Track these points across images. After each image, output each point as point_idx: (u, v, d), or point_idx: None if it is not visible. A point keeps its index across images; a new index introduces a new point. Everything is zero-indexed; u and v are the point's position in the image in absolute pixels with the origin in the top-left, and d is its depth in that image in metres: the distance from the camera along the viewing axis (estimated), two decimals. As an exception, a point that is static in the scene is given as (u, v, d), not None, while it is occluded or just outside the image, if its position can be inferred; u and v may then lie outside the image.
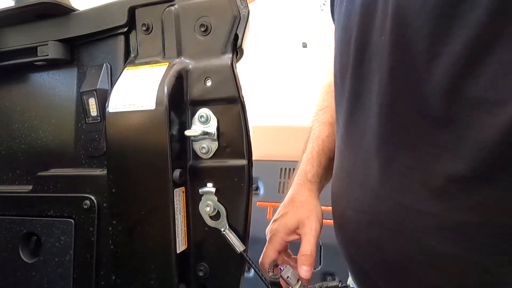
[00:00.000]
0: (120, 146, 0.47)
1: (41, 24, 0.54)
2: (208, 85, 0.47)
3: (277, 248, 0.59)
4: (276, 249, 0.59)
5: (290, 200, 0.64)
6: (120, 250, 0.48)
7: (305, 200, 0.63)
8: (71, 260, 0.51)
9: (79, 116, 0.54)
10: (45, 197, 0.53)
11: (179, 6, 0.48)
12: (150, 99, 0.45)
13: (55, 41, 0.53)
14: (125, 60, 0.52)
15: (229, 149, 0.47)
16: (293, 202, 0.63)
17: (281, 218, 0.61)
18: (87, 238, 0.50)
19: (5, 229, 0.55)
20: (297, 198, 0.63)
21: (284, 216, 0.61)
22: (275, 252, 0.59)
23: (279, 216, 0.62)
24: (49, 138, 0.56)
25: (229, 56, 0.46)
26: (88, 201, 0.50)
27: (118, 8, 0.51)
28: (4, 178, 0.59)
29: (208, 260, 0.48)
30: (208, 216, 0.47)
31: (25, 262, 0.54)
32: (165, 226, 0.45)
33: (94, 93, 0.51)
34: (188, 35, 0.48)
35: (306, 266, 0.55)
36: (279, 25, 2.22)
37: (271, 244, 0.60)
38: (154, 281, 0.46)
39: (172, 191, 0.45)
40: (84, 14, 0.53)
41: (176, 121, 0.46)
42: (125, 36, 0.52)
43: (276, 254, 0.59)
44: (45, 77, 0.57)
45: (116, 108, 0.47)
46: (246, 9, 0.46)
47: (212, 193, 0.47)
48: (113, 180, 0.47)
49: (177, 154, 0.46)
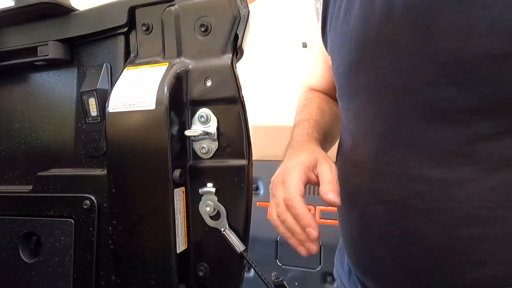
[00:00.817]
0: (120, 146, 0.47)
1: (41, 24, 0.54)
2: (208, 85, 0.47)
3: (303, 179, 0.51)
4: (303, 180, 0.50)
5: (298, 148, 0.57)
6: (120, 250, 0.48)
7: (316, 147, 0.57)
8: (71, 260, 0.51)
9: (79, 116, 0.54)
10: (45, 197, 0.53)
11: (179, 6, 0.48)
12: (150, 99, 0.45)
13: (55, 41, 0.53)
14: (125, 60, 0.52)
15: (229, 149, 0.47)
16: (304, 148, 0.56)
17: (296, 157, 0.53)
18: (87, 238, 0.50)
19: (5, 229, 0.55)
20: (307, 146, 0.57)
21: (298, 156, 0.54)
22: (301, 183, 0.50)
23: (291, 159, 0.54)
24: (49, 138, 0.56)
25: (229, 56, 0.46)
26: (88, 201, 0.50)
27: (118, 8, 0.51)
28: (4, 178, 0.59)
29: (208, 260, 0.48)
30: (208, 216, 0.47)
31: (25, 262, 0.54)
32: (165, 226, 0.45)
33: (94, 93, 0.51)
34: (188, 35, 0.48)
35: (334, 191, 0.49)
36: (279, 25, 2.22)
37: (294, 177, 0.50)
38: (154, 281, 0.46)
39: (172, 191, 0.45)
40: (84, 14, 0.53)
41: (176, 121, 0.46)
42: (125, 36, 0.52)
43: (303, 187, 0.50)
44: (45, 77, 0.57)
45: (116, 108, 0.47)
46: (246, 9, 0.46)
47: (212, 193, 0.47)
48: (113, 180, 0.47)
49: (177, 154, 0.46)
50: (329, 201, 0.48)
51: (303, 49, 2.18)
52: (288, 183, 0.50)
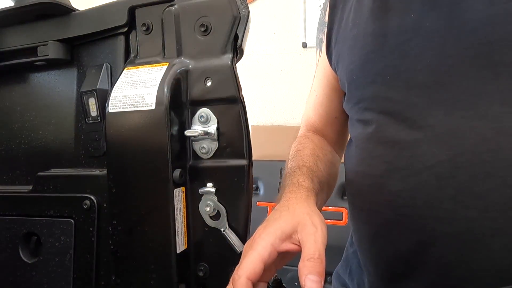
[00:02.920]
0: (120, 146, 0.47)
1: (41, 24, 0.54)
2: (208, 85, 0.47)
3: (264, 257, 0.41)
4: (262, 258, 0.41)
5: (281, 207, 0.48)
6: (120, 250, 0.48)
7: (302, 204, 0.49)
8: (71, 260, 0.51)
9: (79, 116, 0.54)
10: (45, 197, 0.53)
11: (179, 6, 0.48)
12: (150, 99, 0.45)
13: (55, 41, 0.53)
14: (125, 60, 0.52)
15: (229, 149, 0.47)
16: (287, 207, 0.48)
17: (272, 224, 0.45)
18: (87, 238, 0.50)
19: (5, 229, 0.55)
20: (291, 203, 0.49)
21: (276, 221, 0.45)
22: (260, 261, 0.40)
23: (267, 223, 0.45)
24: (49, 138, 0.56)
25: (229, 56, 0.46)
26: (88, 201, 0.50)
27: (118, 8, 0.51)
28: (4, 178, 0.59)
29: (208, 260, 0.48)
30: (208, 216, 0.47)
31: (25, 262, 0.54)
32: (165, 226, 0.45)
33: (94, 93, 0.51)
34: (188, 35, 0.48)
35: (314, 275, 0.38)
36: (279, 25, 2.22)
37: (254, 251, 0.41)
38: (154, 281, 0.46)
39: (172, 191, 0.45)
40: (84, 14, 0.53)
41: (176, 121, 0.46)
42: (125, 36, 0.52)
43: (261, 266, 0.40)
44: (45, 77, 0.57)
45: (116, 108, 0.47)
46: (246, 9, 0.46)
47: (212, 193, 0.47)
48: (113, 180, 0.47)
49: (177, 154, 0.46)
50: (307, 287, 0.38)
51: (303, 49, 2.18)
52: (244, 258, 0.42)
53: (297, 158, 0.65)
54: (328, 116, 0.76)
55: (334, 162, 0.73)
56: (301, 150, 0.68)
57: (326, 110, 0.76)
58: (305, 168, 0.61)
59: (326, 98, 0.76)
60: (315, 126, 0.78)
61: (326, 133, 0.77)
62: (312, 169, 0.62)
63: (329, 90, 0.75)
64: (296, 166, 0.62)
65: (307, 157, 0.65)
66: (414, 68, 0.54)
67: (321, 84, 0.77)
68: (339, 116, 0.75)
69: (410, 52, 0.54)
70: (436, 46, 0.52)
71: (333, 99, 0.75)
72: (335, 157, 0.75)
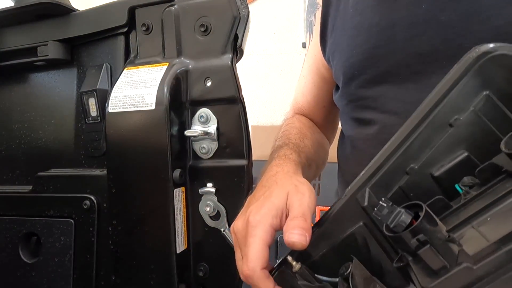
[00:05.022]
0: (120, 146, 0.47)
1: (41, 24, 0.54)
2: (208, 85, 0.47)
3: (267, 241, 0.40)
4: (266, 242, 0.39)
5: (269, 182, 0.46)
6: (120, 250, 0.48)
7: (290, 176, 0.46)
8: (71, 260, 0.51)
9: (79, 116, 0.54)
10: (45, 197, 0.53)
11: (179, 6, 0.48)
12: (150, 99, 0.45)
13: (55, 41, 0.53)
14: (125, 60, 0.52)
15: (229, 149, 0.47)
16: (275, 181, 0.45)
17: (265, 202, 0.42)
18: (87, 238, 0.50)
19: (5, 229, 0.55)
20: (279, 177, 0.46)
21: (267, 199, 0.42)
22: (265, 247, 0.39)
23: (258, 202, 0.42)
24: (49, 138, 0.56)
25: (229, 56, 0.46)
26: (88, 201, 0.50)
27: (118, 8, 0.51)
28: (4, 178, 0.59)
29: (208, 260, 0.48)
30: (208, 216, 0.47)
31: (25, 262, 0.54)
32: (165, 226, 0.45)
33: (94, 93, 0.51)
34: (188, 35, 0.48)
35: (296, 229, 0.37)
36: (279, 25, 2.22)
37: (256, 237, 0.39)
38: (154, 281, 0.46)
39: (172, 191, 0.45)
40: (84, 14, 0.53)
41: (176, 121, 0.46)
42: (125, 36, 0.52)
43: (267, 250, 0.40)
44: (45, 77, 0.57)
45: (116, 108, 0.47)
46: (246, 9, 0.46)
47: (212, 193, 0.47)
48: (113, 180, 0.47)
49: (177, 154, 0.46)
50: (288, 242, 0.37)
51: (303, 49, 2.18)
52: (248, 248, 0.39)
53: (284, 137, 0.62)
54: (316, 104, 0.74)
55: (323, 143, 0.71)
56: (288, 130, 0.65)
57: (314, 99, 0.74)
58: (291, 144, 0.58)
59: (315, 87, 0.73)
60: (302, 111, 0.76)
61: (314, 119, 0.75)
62: (299, 145, 0.60)
63: (318, 79, 0.72)
64: (282, 143, 0.59)
65: (294, 135, 0.63)
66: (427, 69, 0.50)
67: (310, 72, 0.74)
68: (327, 105, 0.73)
69: (422, 49, 0.50)
70: (451, 44, 0.49)
71: (322, 87, 0.72)
72: (323, 138, 0.73)
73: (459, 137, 0.34)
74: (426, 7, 0.50)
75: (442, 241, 0.28)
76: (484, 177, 0.31)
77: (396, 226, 0.29)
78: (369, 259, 0.36)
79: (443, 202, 0.33)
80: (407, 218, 0.29)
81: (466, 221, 0.30)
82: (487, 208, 0.29)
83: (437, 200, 0.33)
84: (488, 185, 0.31)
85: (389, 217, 0.30)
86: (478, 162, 0.33)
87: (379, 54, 0.54)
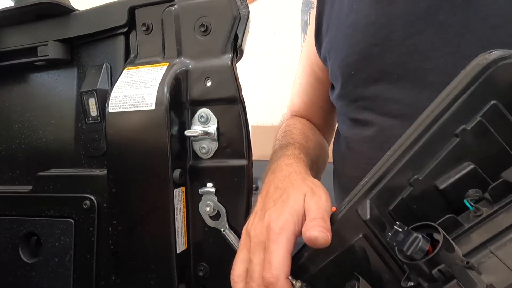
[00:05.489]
0: (120, 146, 0.47)
1: (41, 24, 0.54)
2: (208, 85, 0.47)
3: (290, 249, 0.38)
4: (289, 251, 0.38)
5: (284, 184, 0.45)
6: (120, 250, 0.48)
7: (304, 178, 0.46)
8: (71, 260, 0.51)
9: (79, 116, 0.54)
10: (45, 197, 0.53)
11: (179, 6, 0.48)
12: (150, 99, 0.45)
13: (55, 41, 0.53)
14: (125, 60, 0.52)
15: (229, 149, 0.47)
16: (290, 183, 0.44)
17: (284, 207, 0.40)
18: (87, 238, 0.50)
19: (5, 229, 0.55)
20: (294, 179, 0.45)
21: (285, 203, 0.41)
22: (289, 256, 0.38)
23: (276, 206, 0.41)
24: (49, 138, 0.56)
25: (229, 56, 0.46)
26: (88, 201, 0.50)
27: (118, 8, 0.51)
28: (4, 178, 0.59)
29: (208, 260, 0.48)
30: (208, 216, 0.47)
31: (25, 262, 0.54)
32: (165, 226, 0.45)
33: (94, 93, 0.51)
34: (188, 35, 0.48)
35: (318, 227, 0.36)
36: (279, 25, 2.22)
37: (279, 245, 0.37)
38: (154, 281, 0.46)
39: (172, 191, 0.45)
40: (84, 14, 0.53)
41: (176, 121, 0.46)
42: (125, 36, 0.52)
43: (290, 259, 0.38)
44: (45, 77, 0.57)
45: (116, 108, 0.47)
46: (246, 9, 0.46)
47: (212, 193, 0.47)
48: (113, 180, 0.47)
49: (177, 154, 0.46)
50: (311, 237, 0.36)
51: (303, 49, 2.18)
52: (271, 255, 0.37)
53: (287, 137, 0.61)
54: (313, 105, 0.73)
55: (323, 145, 0.70)
56: (290, 130, 0.65)
57: (310, 99, 0.73)
58: (297, 144, 0.58)
59: (310, 87, 0.73)
60: (300, 113, 0.75)
61: (312, 120, 0.74)
62: (305, 146, 0.59)
63: (313, 79, 0.71)
64: (287, 142, 0.58)
65: (298, 136, 0.62)
66: (424, 66, 0.50)
67: (305, 73, 0.73)
68: (324, 106, 0.72)
69: (420, 47, 0.50)
70: (450, 43, 0.48)
71: (318, 88, 0.71)
72: (324, 140, 0.73)
73: (465, 148, 0.32)
74: (425, 5, 0.50)
75: (461, 268, 0.26)
76: (495, 193, 0.30)
77: (414, 253, 0.27)
78: (369, 271, 0.35)
79: (453, 219, 0.31)
80: (426, 245, 0.27)
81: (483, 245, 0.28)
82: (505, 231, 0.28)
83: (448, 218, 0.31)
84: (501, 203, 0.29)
85: (405, 243, 0.28)
86: (485, 176, 0.32)
87: (375, 53, 0.53)
